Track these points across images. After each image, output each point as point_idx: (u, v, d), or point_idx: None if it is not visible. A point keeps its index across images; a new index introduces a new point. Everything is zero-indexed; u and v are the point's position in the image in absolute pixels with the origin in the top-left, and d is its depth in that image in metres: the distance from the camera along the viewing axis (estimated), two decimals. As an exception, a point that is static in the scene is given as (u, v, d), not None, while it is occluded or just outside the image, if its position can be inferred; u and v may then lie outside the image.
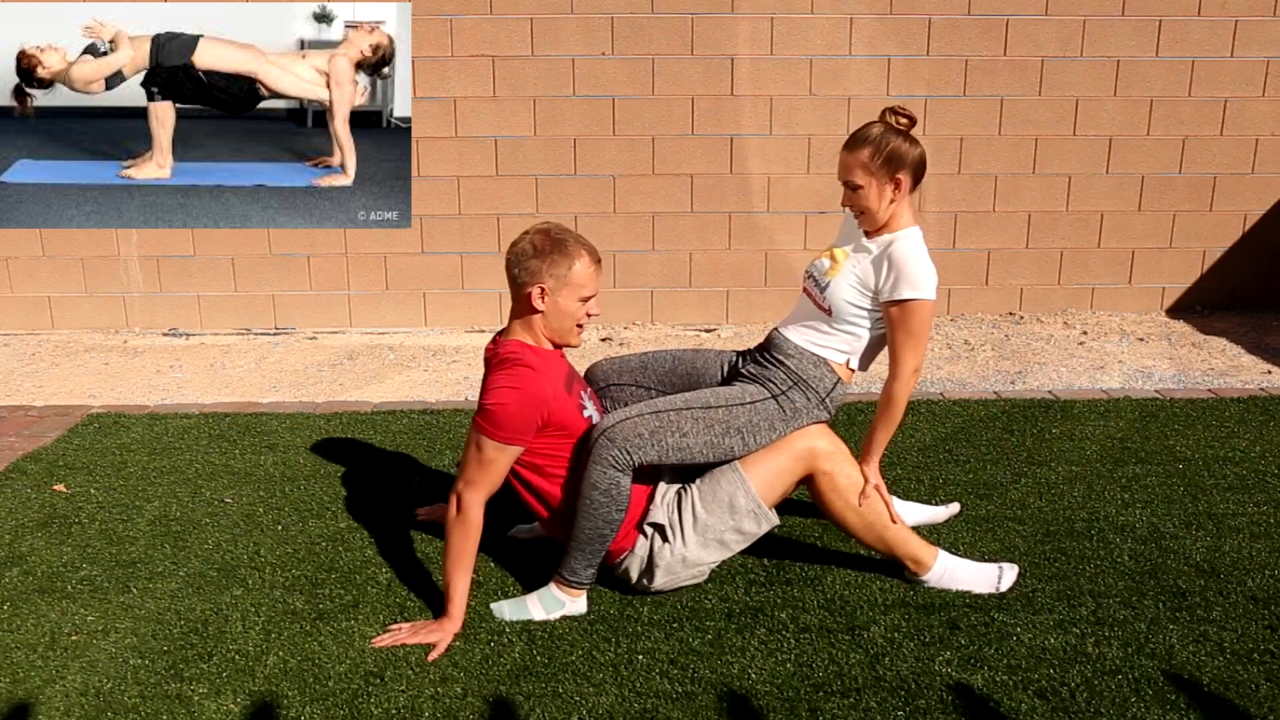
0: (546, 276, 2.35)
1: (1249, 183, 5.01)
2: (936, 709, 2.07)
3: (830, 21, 4.75)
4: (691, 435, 2.40)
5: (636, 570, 2.46)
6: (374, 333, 5.03)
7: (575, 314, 2.40)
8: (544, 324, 2.41)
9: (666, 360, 2.72)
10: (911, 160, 2.42)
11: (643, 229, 4.98)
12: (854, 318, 2.49)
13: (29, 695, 2.15)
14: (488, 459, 2.32)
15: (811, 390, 2.49)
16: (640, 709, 2.09)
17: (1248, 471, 3.19)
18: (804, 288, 2.61)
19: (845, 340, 2.52)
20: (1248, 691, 2.11)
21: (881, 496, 2.48)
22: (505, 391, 2.31)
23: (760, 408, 2.46)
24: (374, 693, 2.14)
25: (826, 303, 2.50)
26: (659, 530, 2.44)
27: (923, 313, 2.39)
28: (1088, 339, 4.78)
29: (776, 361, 2.54)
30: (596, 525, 2.36)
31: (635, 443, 2.36)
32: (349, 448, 3.48)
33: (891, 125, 2.43)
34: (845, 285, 2.48)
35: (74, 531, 2.87)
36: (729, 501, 2.42)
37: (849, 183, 2.46)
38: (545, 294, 2.36)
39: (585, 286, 2.38)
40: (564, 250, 2.35)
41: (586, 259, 2.38)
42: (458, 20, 4.70)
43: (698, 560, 2.44)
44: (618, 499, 2.35)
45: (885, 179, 2.42)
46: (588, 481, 2.36)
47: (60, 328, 5.04)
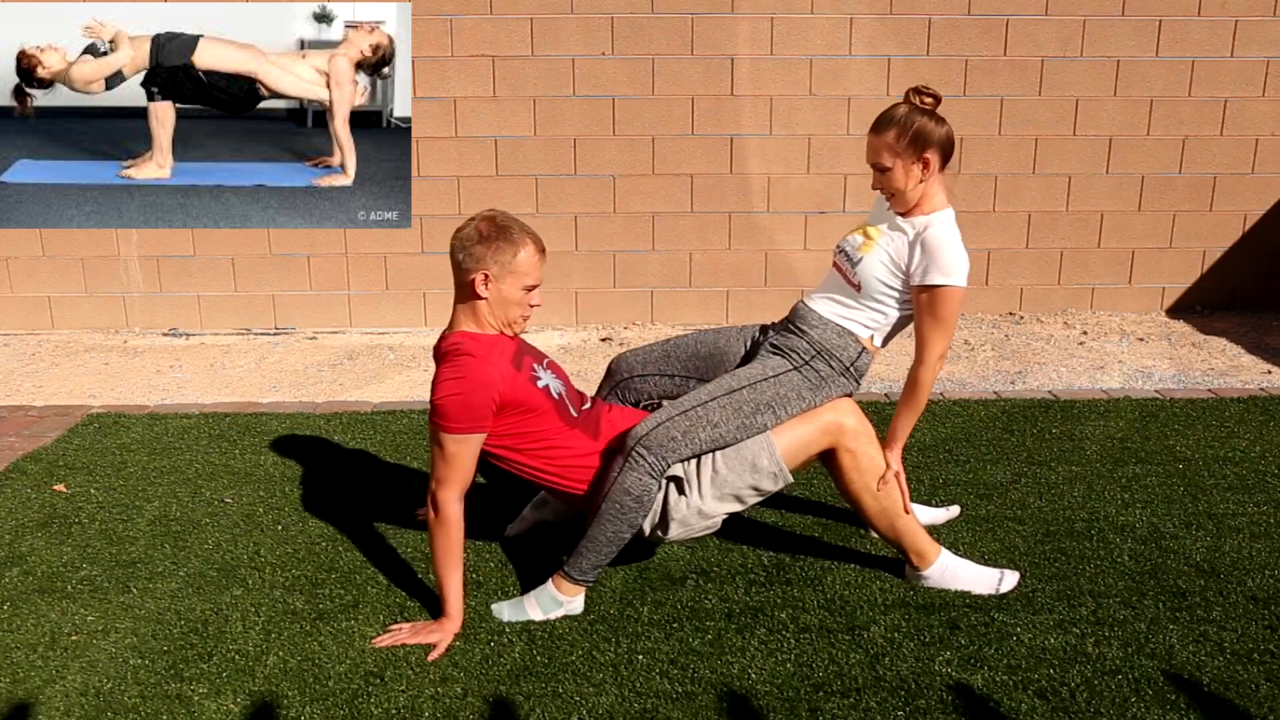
0: (491, 263, 2.34)
1: (1249, 183, 5.01)
2: (936, 709, 2.07)
3: (830, 21, 4.75)
4: (723, 424, 2.41)
5: (650, 523, 2.46)
6: (374, 333, 5.03)
7: (517, 302, 2.38)
8: (488, 311, 2.39)
9: (689, 345, 2.72)
10: (939, 138, 2.41)
11: (643, 229, 4.98)
12: (883, 295, 2.49)
13: (29, 695, 2.15)
14: (450, 454, 2.31)
15: (835, 359, 2.50)
16: (640, 709, 2.09)
17: (1248, 471, 3.19)
18: (834, 262, 2.60)
19: (871, 316, 2.52)
20: (1248, 691, 2.11)
21: (900, 485, 2.48)
22: (451, 383, 2.30)
23: (784, 379, 2.46)
24: (374, 693, 2.14)
25: (856, 278, 2.50)
26: (675, 483, 2.44)
27: (953, 300, 2.38)
28: (1088, 339, 4.78)
29: (800, 332, 2.54)
30: (620, 529, 2.38)
31: (670, 447, 2.38)
32: (349, 448, 3.48)
33: (916, 105, 2.43)
34: (877, 263, 2.47)
35: (74, 531, 2.87)
36: (752, 461, 2.42)
37: (877, 165, 2.45)
38: (489, 280, 2.35)
39: (529, 275, 2.36)
40: (509, 238, 2.34)
41: (531, 248, 2.36)
42: (458, 20, 4.70)
43: (712, 512, 2.45)
44: (646, 505, 2.38)
45: (912, 158, 2.41)
46: (620, 486, 2.37)
47: (60, 328, 5.04)
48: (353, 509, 3.00)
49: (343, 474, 3.25)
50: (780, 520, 2.93)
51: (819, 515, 2.94)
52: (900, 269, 2.45)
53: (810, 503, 3.03)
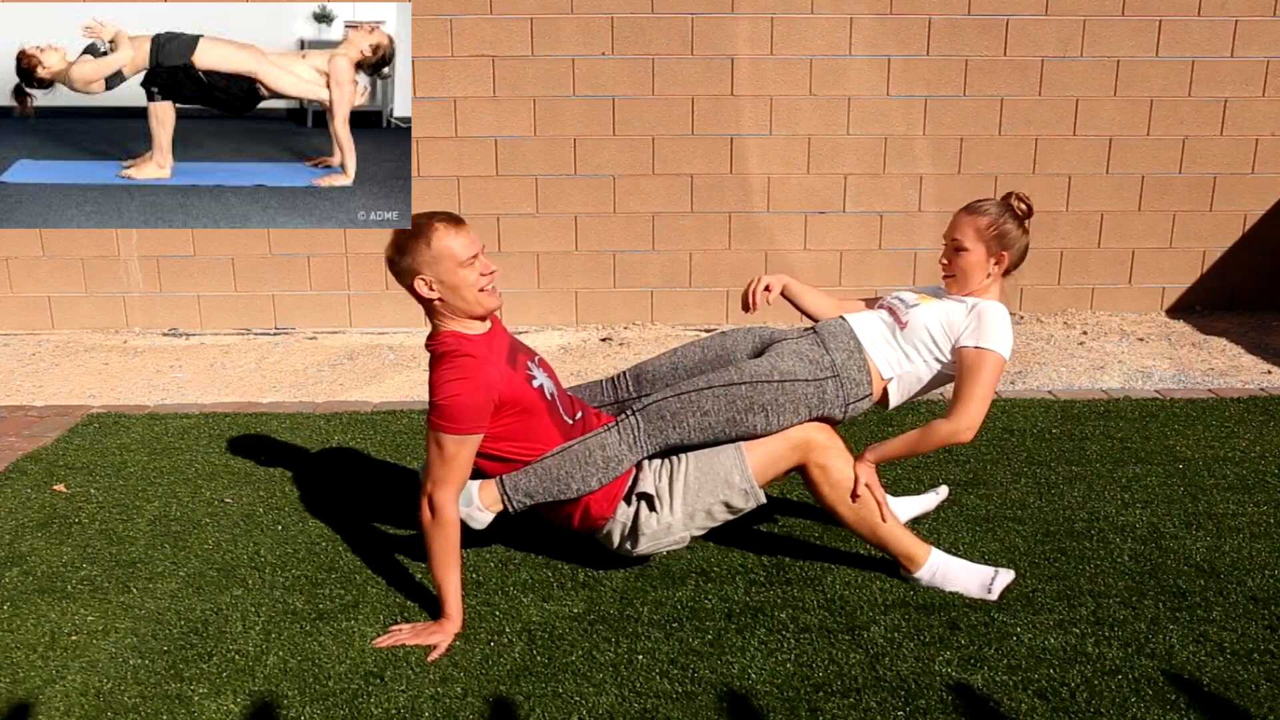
0: (418, 264, 2.34)
1: (1249, 183, 5.01)
2: (936, 709, 2.07)
3: (830, 21, 4.75)
4: (713, 414, 2.43)
5: (619, 535, 2.48)
6: (374, 333, 5.04)
7: (468, 282, 2.34)
8: (450, 308, 2.38)
9: (695, 353, 2.70)
10: (1019, 245, 2.55)
11: (643, 229, 4.98)
12: (922, 345, 2.53)
13: (29, 695, 2.15)
14: (450, 454, 2.30)
15: (844, 389, 2.51)
16: (640, 709, 2.09)
17: (1248, 471, 3.19)
18: (883, 304, 2.65)
19: (901, 359, 2.55)
20: (1248, 691, 2.11)
21: (874, 495, 2.49)
22: (454, 384, 2.30)
23: (790, 388, 2.46)
24: (374, 693, 2.14)
25: (906, 317, 2.54)
26: (647, 500, 2.45)
27: (994, 364, 2.43)
28: (1088, 339, 4.78)
29: (830, 348, 2.54)
30: (573, 474, 2.38)
31: (658, 425, 2.42)
32: (349, 448, 3.48)
33: (1013, 208, 2.54)
34: (932, 315, 2.53)
35: (74, 531, 2.87)
36: (724, 477, 2.43)
37: (957, 242, 2.54)
38: (429, 282, 2.35)
39: (457, 253, 2.32)
40: (417, 233, 2.35)
41: (441, 228, 2.34)
42: (458, 20, 4.70)
43: (682, 529, 2.46)
44: (607, 471, 2.40)
45: (993, 250, 2.52)
46: (598, 439, 2.41)
47: (60, 328, 5.04)
48: (353, 509, 3.00)
49: (343, 474, 3.25)
50: (780, 520, 2.93)
51: (819, 515, 2.94)
52: (951, 332, 2.51)
53: (810, 504, 3.03)
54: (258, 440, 3.53)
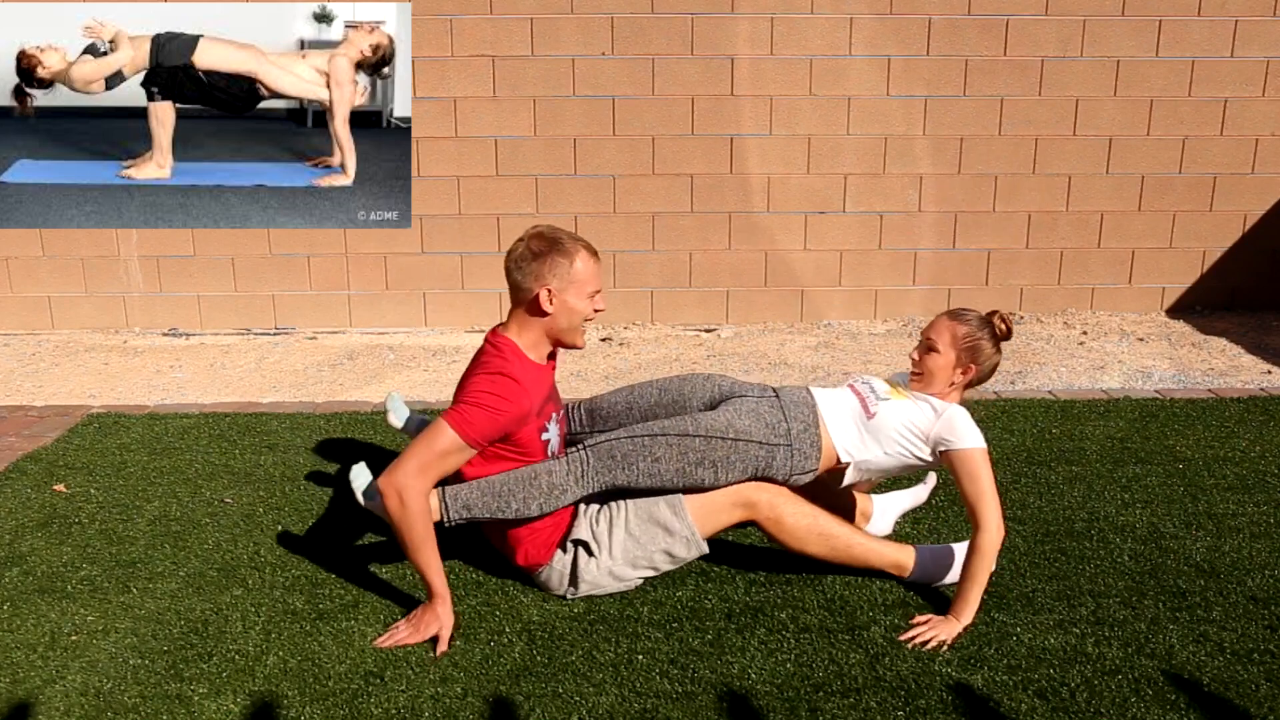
0: (550, 278, 2.35)
1: (1249, 183, 5.01)
2: (936, 709, 2.07)
3: (830, 21, 4.75)
4: (664, 462, 2.41)
5: (557, 581, 2.49)
6: (374, 333, 5.03)
7: (584, 311, 2.40)
8: (550, 326, 2.41)
9: (651, 394, 2.68)
10: (989, 364, 2.57)
11: (643, 229, 4.98)
12: (887, 439, 2.51)
13: (29, 695, 2.15)
14: (446, 451, 2.30)
15: (792, 460, 2.48)
16: (640, 709, 2.09)
17: (1248, 471, 3.19)
18: (852, 388, 2.62)
19: (860, 447, 2.52)
20: (1248, 691, 2.12)
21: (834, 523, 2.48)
22: (489, 396, 2.31)
23: (742, 448, 2.44)
24: (374, 693, 2.14)
25: (875, 409, 2.53)
26: (583, 546, 2.46)
27: (979, 458, 2.42)
28: (1088, 339, 4.78)
29: (790, 416, 2.50)
30: (514, 494, 2.37)
31: (607, 465, 2.40)
32: (349, 448, 3.48)
33: (993, 325, 2.56)
34: (901, 411, 2.52)
35: (74, 531, 2.87)
36: (664, 526, 2.44)
37: (931, 342, 2.55)
38: (553, 295, 2.37)
39: (590, 282, 2.39)
40: (562, 250, 2.36)
41: (585, 254, 2.39)
42: (458, 20, 4.70)
43: (623, 575, 2.47)
44: (549, 499, 2.38)
45: (963, 361, 2.53)
46: (546, 466, 2.40)
47: (60, 328, 5.04)
48: (353, 509, 3.00)
49: (343, 474, 3.25)
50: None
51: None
52: (919, 434, 2.49)
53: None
54: (258, 440, 3.53)
